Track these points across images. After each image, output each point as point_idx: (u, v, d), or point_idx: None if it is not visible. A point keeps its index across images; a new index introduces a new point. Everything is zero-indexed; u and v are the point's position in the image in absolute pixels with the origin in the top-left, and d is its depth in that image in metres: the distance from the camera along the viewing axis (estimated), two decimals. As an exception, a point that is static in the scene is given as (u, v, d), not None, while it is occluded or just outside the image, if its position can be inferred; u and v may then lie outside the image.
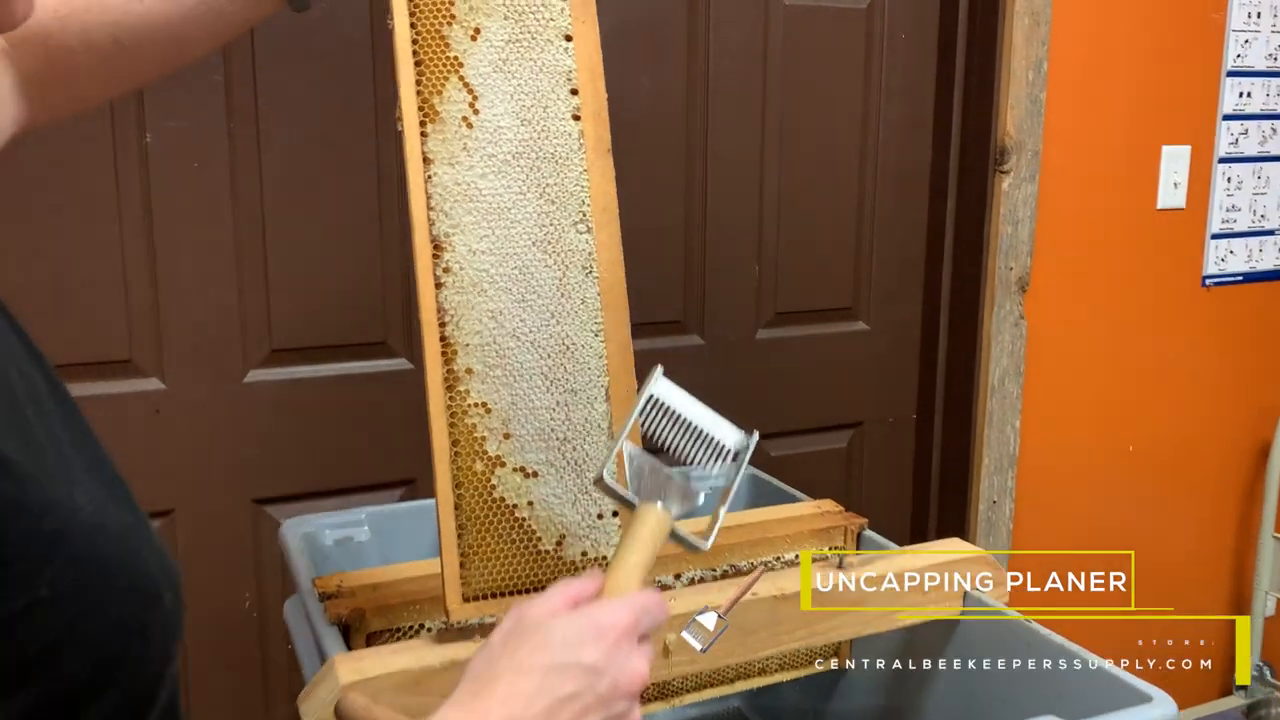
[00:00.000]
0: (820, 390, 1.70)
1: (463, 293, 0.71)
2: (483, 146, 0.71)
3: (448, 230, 0.70)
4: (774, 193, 1.60)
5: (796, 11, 1.56)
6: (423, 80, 0.71)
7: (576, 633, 0.56)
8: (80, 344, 1.27)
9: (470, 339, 0.71)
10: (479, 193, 0.71)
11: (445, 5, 0.71)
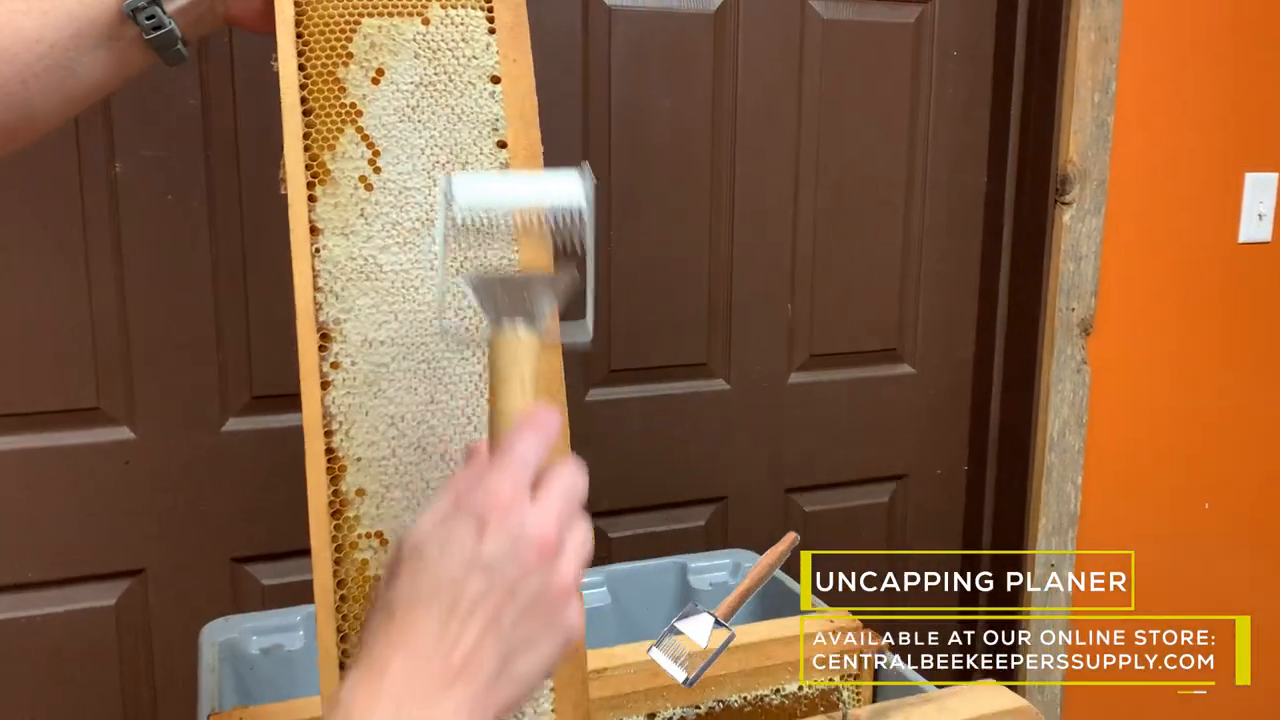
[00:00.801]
0: (860, 439, 1.55)
1: (355, 394, 0.58)
2: (384, 213, 0.59)
3: (338, 316, 0.58)
4: (809, 224, 1.46)
5: (836, 26, 1.42)
6: (313, 132, 0.59)
7: (453, 530, 0.48)
8: (44, 391, 1.18)
9: (363, 452, 0.58)
10: (378, 269, 0.59)
11: (340, 41, 0.59)
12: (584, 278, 0.61)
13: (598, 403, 1.39)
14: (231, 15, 0.63)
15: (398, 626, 0.47)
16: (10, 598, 1.20)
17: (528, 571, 0.48)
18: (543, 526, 0.49)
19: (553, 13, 1.28)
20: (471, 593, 0.47)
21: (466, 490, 0.50)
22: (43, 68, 0.57)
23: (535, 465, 0.51)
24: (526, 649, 0.49)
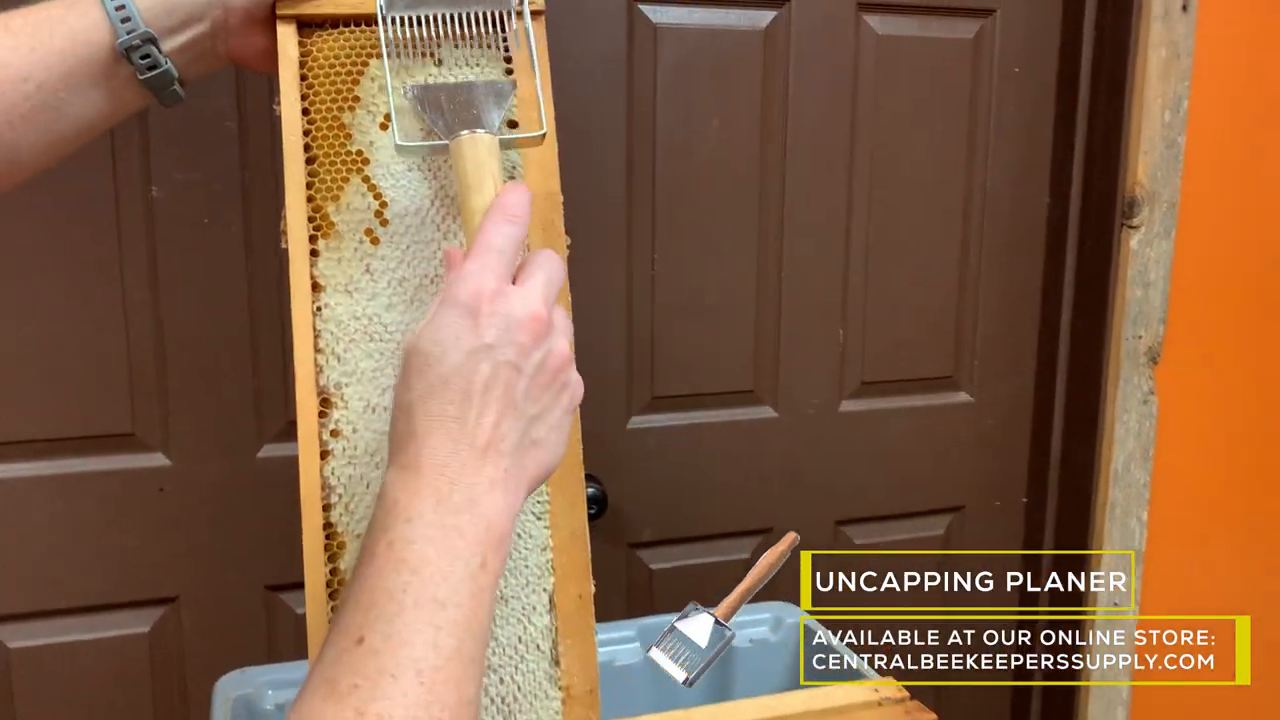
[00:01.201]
0: (914, 470, 1.49)
1: (356, 464, 0.55)
2: (391, 268, 0.56)
3: (340, 380, 0.55)
4: (861, 246, 1.40)
5: (892, 42, 1.37)
6: (316, 181, 0.55)
7: (446, 324, 0.50)
8: (79, 416, 1.17)
9: (365, 528, 0.55)
10: (383, 329, 0.55)
11: (347, 85, 0.56)
12: (533, 75, 0.59)
13: (640, 430, 1.35)
14: (234, 54, 0.60)
15: (419, 422, 0.49)
16: (43, 624, 1.19)
17: (526, 348, 0.51)
18: (530, 305, 0.51)
19: (596, 31, 1.25)
20: (481, 377, 0.50)
21: (451, 287, 0.51)
22: (29, 108, 0.55)
23: (511, 251, 0.52)
24: (541, 418, 0.52)
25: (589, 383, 0.57)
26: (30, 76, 0.54)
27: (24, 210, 1.11)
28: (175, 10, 0.57)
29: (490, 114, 0.55)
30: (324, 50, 0.57)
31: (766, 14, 1.31)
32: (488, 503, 0.49)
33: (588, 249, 1.29)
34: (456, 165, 0.53)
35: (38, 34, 0.55)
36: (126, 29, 0.56)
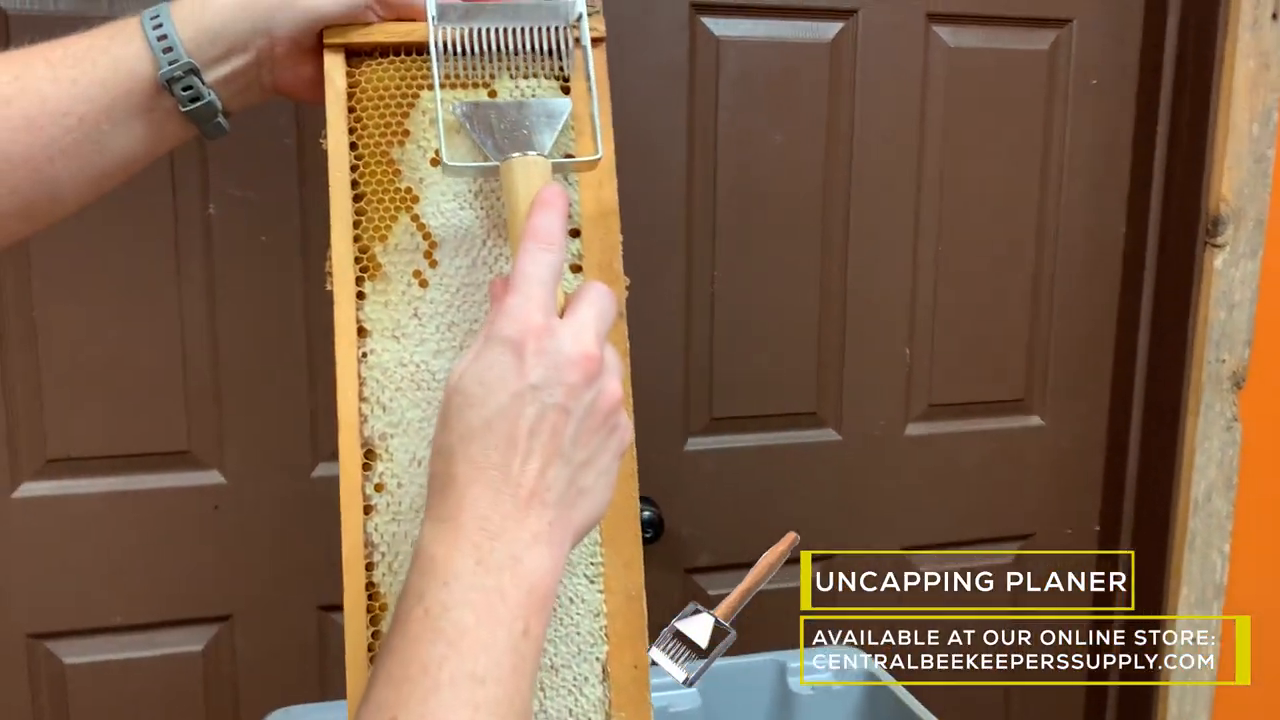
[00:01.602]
0: (983, 496, 1.44)
1: (401, 521, 0.52)
2: (440, 313, 0.53)
3: (385, 430, 0.52)
4: (929, 264, 1.36)
5: (963, 54, 1.32)
6: (363, 220, 0.53)
7: (490, 363, 0.47)
8: (136, 433, 1.17)
9: None
10: (431, 377, 0.53)
11: (396, 118, 0.53)
12: (589, 99, 0.56)
13: (698, 452, 1.32)
14: (280, 85, 0.58)
15: (459, 469, 0.47)
16: (99, 640, 1.19)
17: (576, 390, 0.48)
18: (581, 343, 0.48)
19: (657, 44, 1.22)
20: (526, 421, 0.47)
21: (494, 323, 0.48)
22: (70, 141, 0.53)
23: (552, 279, 0.49)
24: (589, 464, 0.49)
25: (645, 402, 0.53)
26: (71, 110, 0.53)
27: (83, 228, 1.11)
28: (219, 40, 0.55)
29: (542, 135, 0.52)
30: (373, 81, 0.55)
31: (833, 26, 1.27)
32: (531, 560, 0.46)
33: (645, 266, 1.26)
34: (506, 189, 0.50)
35: (79, 65, 0.53)
36: (168, 59, 0.54)
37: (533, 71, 0.56)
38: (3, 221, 0.54)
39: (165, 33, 0.54)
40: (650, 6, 1.21)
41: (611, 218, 0.56)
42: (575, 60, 0.56)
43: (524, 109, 0.53)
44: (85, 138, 0.53)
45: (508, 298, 0.48)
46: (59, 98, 0.52)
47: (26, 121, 0.52)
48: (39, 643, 1.17)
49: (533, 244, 0.49)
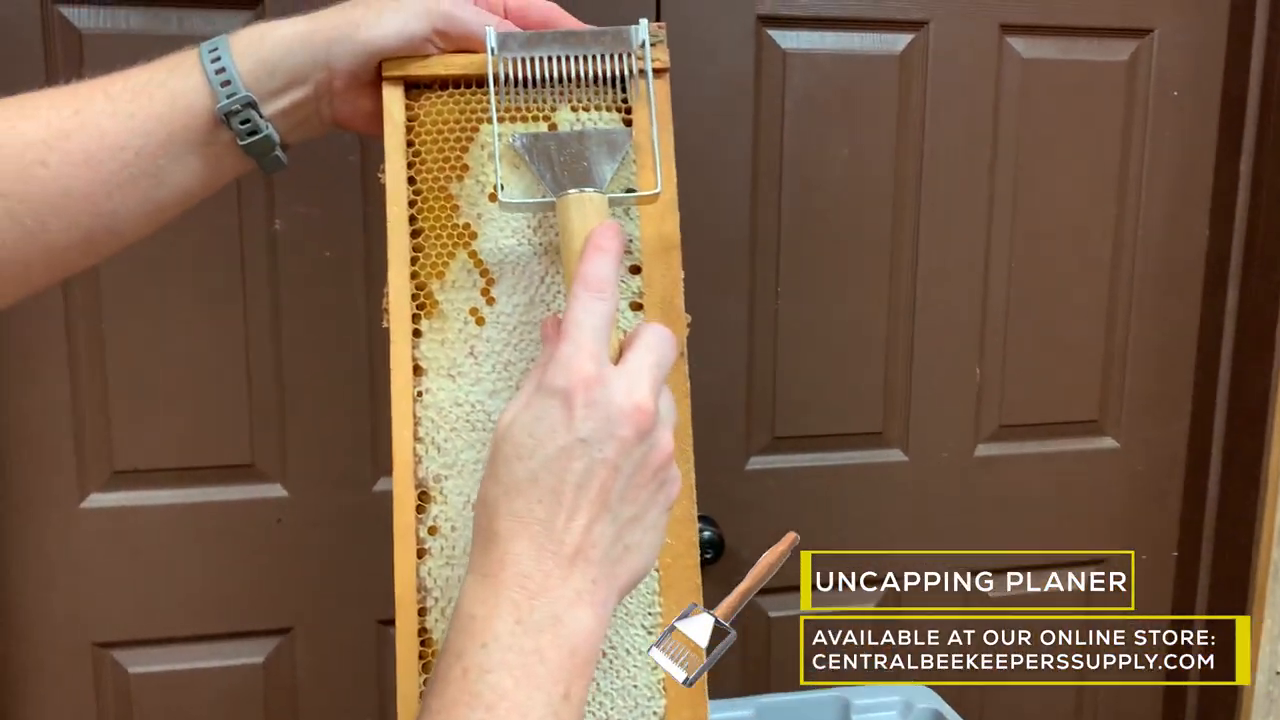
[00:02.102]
0: (1055, 519, 1.40)
1: (454, 565, 0.51)
2: (496, 351, 0.52)
3: (439, 471, 0.51)
4: (1002, 281, 1.32)
5: (1039, 66, 1.28)
6: (421, 257, 0.52)
7: (540, 413, 0.46)
8: (201, 446, 1.18)
9: None
10: (486, 418, 0.52)
11: (455, 152, 0.52)
12: (651, 129, 0.54)
13: (760, 472, 1.30)
14: (339, 118, 0.57)
15: (502, 522, 0.46)
16: (163, 650, 1.20)
17: (628, 444, 0.46)
18: (635, 394, 0.46)
19: (721, 57, 1.20)
20: (574, 475, 0.46)
21: (544, 369, 0.47)
22: (128, 175, 0.53)
23: (605, 326, 0.48)
24: (637, 520, 0.48)
25: (706, 421, 0.52)
26: (129, 144, 0.53)
27: (151, 242, 1.11)
28: (277, 72, 0.54)
29: (602, 168, 0.51)
30: (432, 114, 0.54)
31: (903, 38, 1.25)
32: (572, 621, 0.44)
33: (708, 281, 1.24)
34: (561, 227, 0.49)
35: (137, 99, 0.53)
36: (226, 93, 0.53)
37: (594, 103, 0.54)
38: (63, 254, 0.54)
39: (223, 65, 0.53)
40: (715, 19, 1.19)
41: (673, 252, 0.54)
42: (637, 89, 0.54)
43: (584, 139, 0.52)
44: (143, 172, 0.53)
45: (559, 346, 0.47)
46: (117, 132, 0.52)
47: (86, 156, 0.52)
48: (105, 652, 1.18)
49: (584, 291, 0.47)
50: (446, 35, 0.55)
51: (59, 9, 1.06)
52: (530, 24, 0.58)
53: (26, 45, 1.06)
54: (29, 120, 0.52)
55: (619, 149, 0.52)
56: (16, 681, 1.17)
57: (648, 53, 0.54)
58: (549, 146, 0.51)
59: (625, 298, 0.54)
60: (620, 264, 0.49)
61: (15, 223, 0.51)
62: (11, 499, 1.14)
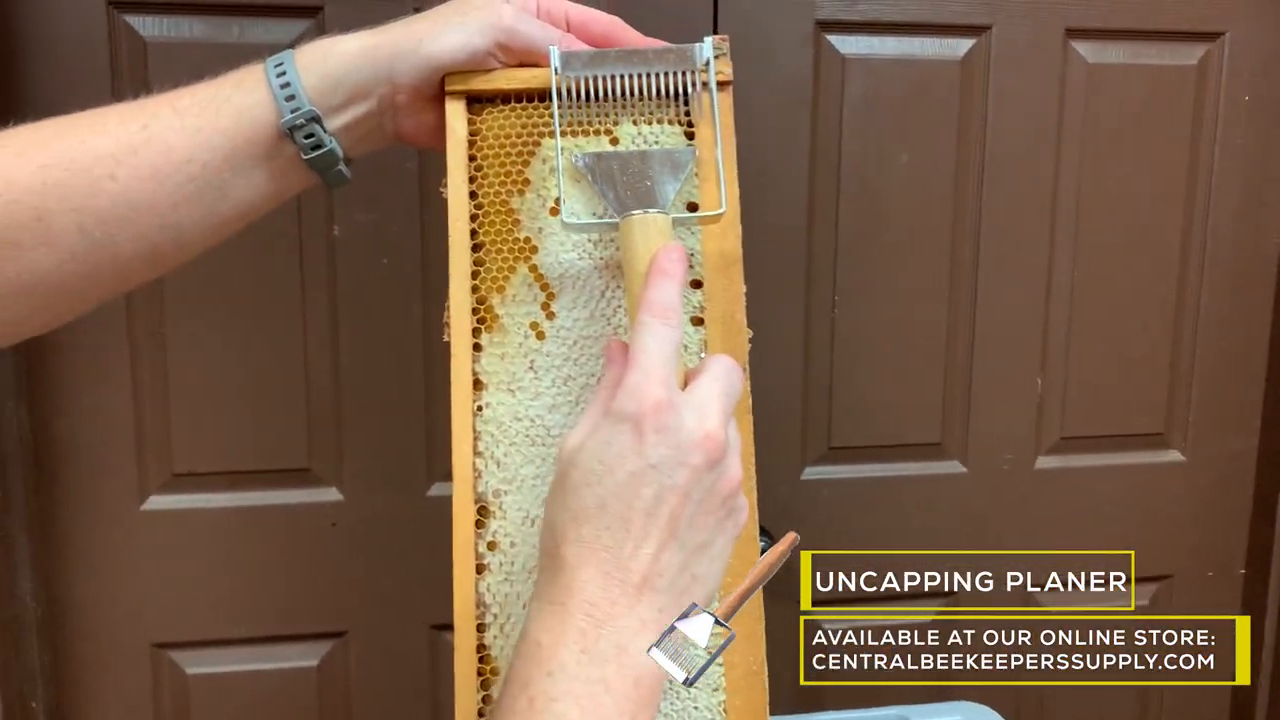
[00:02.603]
0: (1117, 534, 1.37)
1: (514, 581, 0.50)
2: (556, 366, 0.51)
3: (499, 486, 0.51)
4: (1065, 289, 1.30)
5: (1104, 71, 1.25)
6: (482, 271, 0.51)
7: (608, 438, 0.45)
8: (258, 450, 1.19)
9: None
10: (545, 433, 0.51)
11: (517, 166, 0.52)
12: (711, 153, 0.54)
13: (815, 482, 1.28)
14: (401, 132, 0.57)
15: (569, 549, 0.45)
16: (219, 652, 1.21)
17: (698, 472, 0.46)
18: (706, 423, 0.46)
19: (779, 62, 1.19)
20: (643, 503, 0.45)
21: (610, 395, 0.46)
22: (194, 189, 0.53)
23: (673, 353, 0.47)
24: (704, 549, 0.47)
25: (761, 430, 0.51)
26: (195, 158, 0.53)
27: (212, 248, 1.13)
28: (340, 88, 0.54)
29: (665, 187, 0.50)
30: (494, 128, 0.54)
31: (965, 42, 1.22)
32: (638, 650, 0.44)
33: (763, 288, 1.22)
34: (624, 247, 0.49)
35: (203, 113, 0.53)
36: (291, 107, 0.53)
37: (656, 117, 0.53)
38: (129, 265, 0.54)
39: (288, 80, 0.53)
40: (773, 24, 1.18)
41: (735, 268, 0.53)
42: (700, 105, 0.53)
43: (647, 159, 0.51)
44: (208, 185, 0.53)
45: (628, 372, 0.46)
46: (184, 146, 0.52)
47: (153, 170, 0.52)
48: (163, 652, 1.20)
49: (650, 318, 0.47)
50: (509, 49, 0.55)
51: (124, 18, 1.08)
52: (592, 37, 0.57)
53: (93, 53, 1.08)
54: (99, 135, 0.52)
55: (682, 168, 0.52)
56: (77, 681, 1.19)
57: (711, 70, 0.53)
58: (612, 166, 0.51)
59: (686, 312, 0.53)
60: (684, 287, 0.48)
61: (84, 235, 0.51)
62: (73, 501, 1.16)
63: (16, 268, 0.50)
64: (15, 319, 0.52)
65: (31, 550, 1.15)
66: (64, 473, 1.15)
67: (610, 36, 0.57)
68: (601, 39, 0.57)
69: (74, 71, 1.08)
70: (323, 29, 1.12)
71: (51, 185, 0.50)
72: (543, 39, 0.55)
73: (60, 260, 0.51)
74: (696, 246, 0.53)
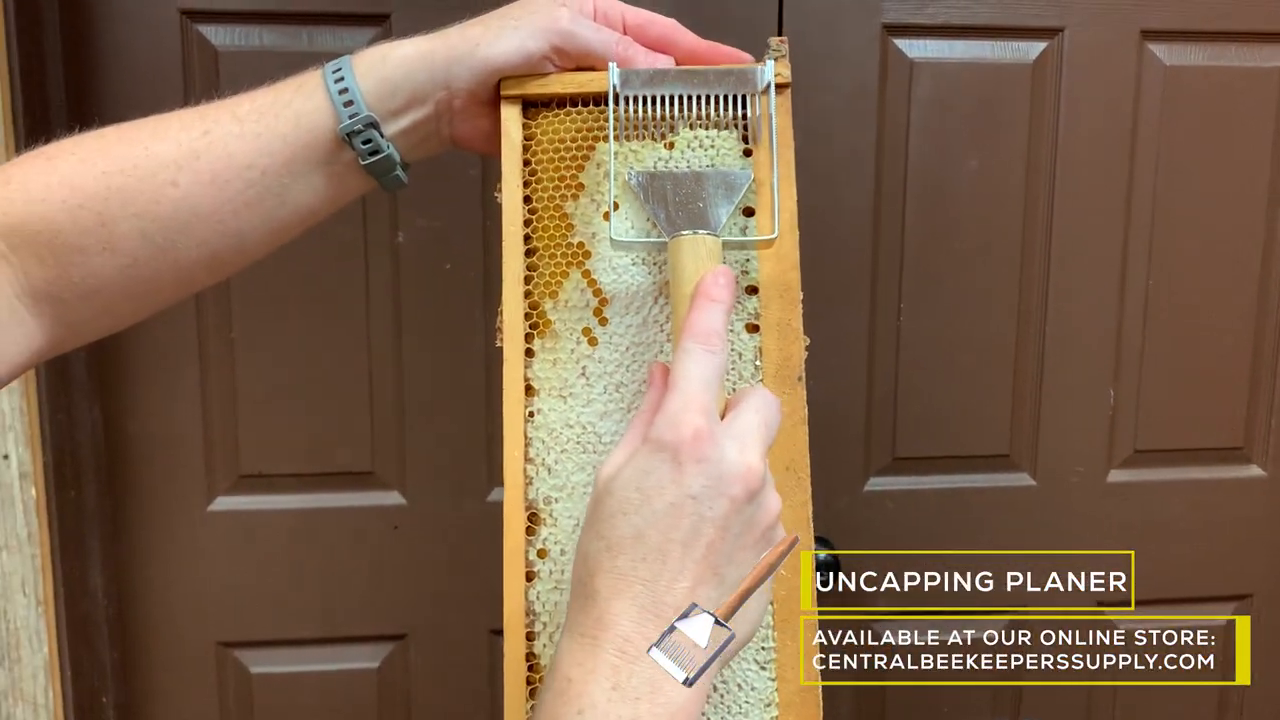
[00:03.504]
0: (1194, 551, 1.33)
1: (564, 589, 0.50)
2: (608, 372, 0.51)
3: (550, 494, 0.50)
4: (1139, 298, 1.26)
5: (1182, 74, 1.22)
6: (535, 276, 0.51)
7: (646, 466, 0.44)
8: (323, 453, 1.20)
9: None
10: (597, 439, 0.50)
11: (571, 171, 0.51)
12: (769, 170, 0.52)
13: (879, 493, 1.26)
14: (457, 137, 0.57)
15: (602, 580, 0.44)
16: (283, 651, 1.23)
17: (738, 503, 0.44)
18: (746, 454, 0.45)
19: (845, 67, 1.17)
20: (680, 534, 0.44)
21: (649, 421, 0.45)
22: (254, 194, 0.53)
23: (716, 380, 0.46)
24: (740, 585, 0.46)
25: (824, 439, 0.50)
26: (254, 164, 0.53)
27: (279, 253, 1.15)
28: (398, 93, 0.54)
29: (718, 209, 0.50)
30: (549, 132, 0.53)
31: (1036, 45, 1.20)
32: (672, 688, 0.42)
33: (828, 295, 1.21)
34: (673, 268, 0.48)
35: (263, 119, 0.54)
36: (349, 113, 0.54)
37: (714, 122, 0.53)
38: (190, 270, 0.55)
39: (346, 86, 0.54)
40: (839, 28, 1.17)
41: (791, 273, 0.52)
42: (760, 127, 0.52)
43: (701, 180, 0.50)
44: (268, 191, 0.54)
45: (667, 400, 0.45)
46: (244, 152, 0.53)
47: (213, 176, 0.53)
48: (228, 651, 1.22)
49: (692, 343, 0.46)
50: (565, 53, 0.55)
51: (197, 28, 1.10)
52: (649, 40, 0.56)
53: (167, 61, 1.10)
54: (161, 141, 0.53)
55: (737, 190, 0.51)
56: (146, 678, 1.22)
57: (772, 93, 0.52)
58: (665, 186, 0.50)
59: (741, 319, 0.52)
60: (730, 314, 0.47)
61: (147, 241, 0.52)
62: (143, 500, 1.18)
63: (81, 273, 0.51)
64: (80, 321, 0.53)
65: (103, 548, 1.18)
66: (134, 473, 1.18)
67: (667, 39, 0.57)
68: (658, 41, 0.56)
69: (148, 80, 1.10)
70: (389, 36, 1.13)
71: (115, 191, 0.51)
72: (599, 42, 0.54)
73: (123, 265, 0.52)
74: (752, 253, 0.52)
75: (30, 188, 0.51)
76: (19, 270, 0.50)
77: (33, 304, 0.51)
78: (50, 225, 0.50)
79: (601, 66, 0.54)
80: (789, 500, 0.50)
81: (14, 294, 0.50)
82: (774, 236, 0.51)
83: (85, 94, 1.10)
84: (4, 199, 0.50)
